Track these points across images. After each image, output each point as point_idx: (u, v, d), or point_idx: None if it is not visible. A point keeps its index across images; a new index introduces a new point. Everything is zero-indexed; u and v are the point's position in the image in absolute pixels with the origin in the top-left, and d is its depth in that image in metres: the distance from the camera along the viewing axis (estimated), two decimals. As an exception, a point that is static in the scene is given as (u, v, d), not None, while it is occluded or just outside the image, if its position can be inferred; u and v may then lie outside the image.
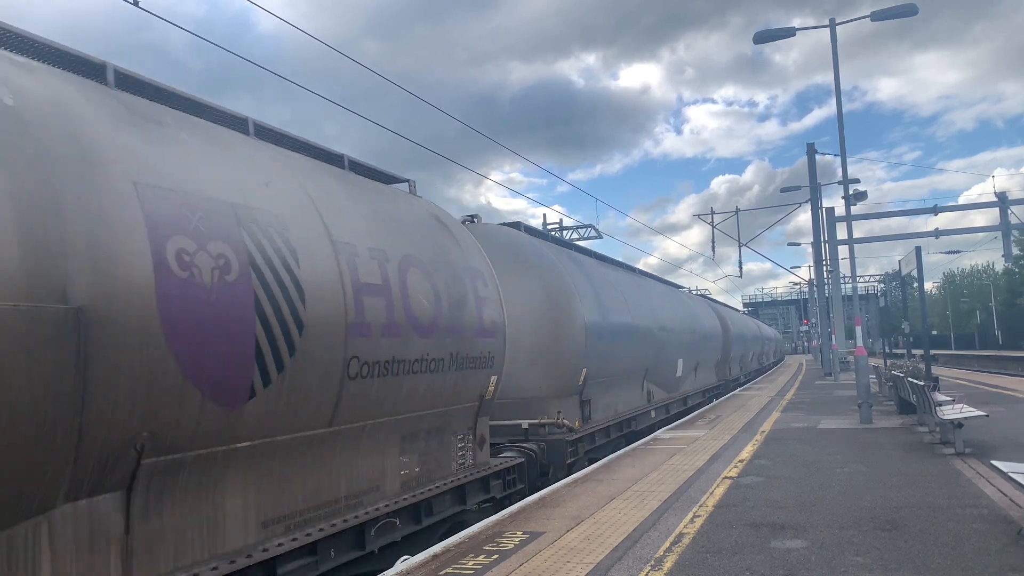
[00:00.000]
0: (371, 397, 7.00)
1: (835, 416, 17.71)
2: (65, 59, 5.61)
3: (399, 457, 7.77)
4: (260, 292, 5.51)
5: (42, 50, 5.48)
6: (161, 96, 6.29)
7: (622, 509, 8.49)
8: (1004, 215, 27.88)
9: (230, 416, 5.32)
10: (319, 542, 6.21)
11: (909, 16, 17.85)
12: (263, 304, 5.52)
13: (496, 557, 6.67)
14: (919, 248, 17.71)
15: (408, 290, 7.65)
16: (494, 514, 8.70)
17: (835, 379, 33.35)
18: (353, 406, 6.73)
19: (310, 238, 6.32)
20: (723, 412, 20.21)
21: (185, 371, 4.86)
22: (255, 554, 5.53)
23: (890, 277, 45.10)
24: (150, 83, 6.23)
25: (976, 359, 55.50)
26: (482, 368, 9.32)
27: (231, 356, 5.25)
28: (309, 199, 6.73)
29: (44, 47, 5.49)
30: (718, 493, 9.15)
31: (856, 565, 6.02)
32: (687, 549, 6.71)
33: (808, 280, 60.02)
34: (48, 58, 5.50)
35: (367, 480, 7.17)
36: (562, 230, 31.63)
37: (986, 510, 7.68)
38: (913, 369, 18.43)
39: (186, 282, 4.91)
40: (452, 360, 8.47)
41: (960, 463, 10.46)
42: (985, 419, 12.31)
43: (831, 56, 19.01)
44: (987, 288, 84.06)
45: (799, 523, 7.48)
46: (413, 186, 10.00)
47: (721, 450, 12.84)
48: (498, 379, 9.83)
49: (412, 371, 7.61)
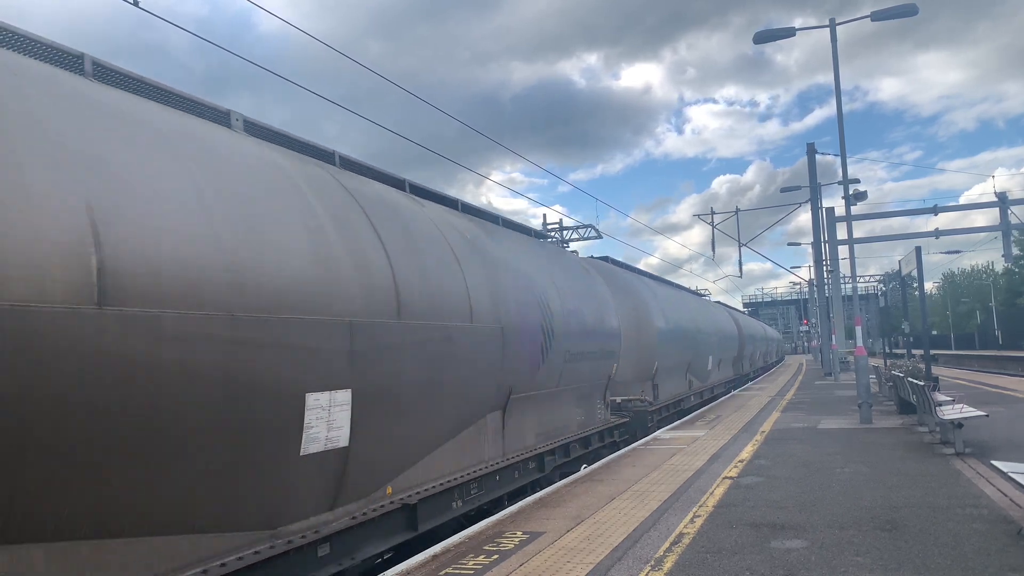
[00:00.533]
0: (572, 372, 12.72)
1: (835, 416, 17.71)
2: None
3: (576, 408, 13.50)
4: (543, 319, 11.12)
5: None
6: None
7: (622, 509, 8.49)
8: (1004, 215, 27.85)
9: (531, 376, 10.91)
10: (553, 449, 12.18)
11: (909, 16, 17.83)
12: (543, 323, 11.14)
13: (496, 557, 6.67)
14: (919, 248, 17.69)
15: (584, 312, 13.27)
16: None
17: (835, 379, 33.35)
18: (567, 376, 12.44)
19: (546, 287, 11.86)
20: (723, 412, 20.20)
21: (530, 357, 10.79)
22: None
23: (890, 277, 45.06)
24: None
25: (976, 359, 55.49)
26: (611, 358, 14.85)
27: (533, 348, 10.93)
28: (534, 261, 12.21)
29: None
30: (718, 493, 9.14)
31: (856, 565, 6.02)
32: (687, 549, 6.71)
33: (808, 280, 60.03)
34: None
35: (565, 419, 12.93)
36: (562, 230, 31.59)
37: (986, 510, 7.68)
38: (913, 369, 18.40)
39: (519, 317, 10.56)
40: (600, 352, 14.08)
41: (960, 463, 10.46)
42: (985, 419, 12.29)
43: (832, 56, 19.01)
44: (987, 288, 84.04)
45: (799, 523, 7.48)
46: (557, 242, 16.33)
47: (721, 450, 12.84)
48: (617, 366, 15.31)
49: (585, 359, 13.15)
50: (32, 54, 5.54)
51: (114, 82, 6.11)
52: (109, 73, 6.13)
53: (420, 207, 9.37)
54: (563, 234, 31.93)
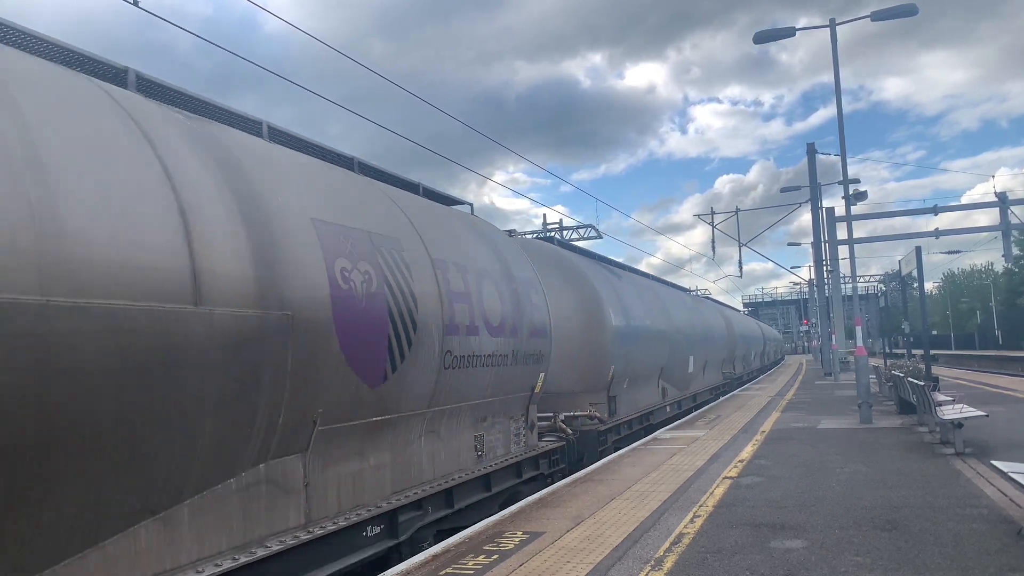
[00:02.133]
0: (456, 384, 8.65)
1: (835, 416, 17.71)
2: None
3: (472, 435, 9.47)
4: (395, 302, 7.22)
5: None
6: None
7: (622, 509, 8.49)
8: (1004, 215, 27.84)
9: (372, 394, 6.93)
10: (423, 499, 8.03)
11: (909, 16, 17.85)
12: (396, 308, 7.23)
13: (496, 557, 6.67)
14: (919, 248, 17.70)
15: (483, 298, 9.35)
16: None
17: (835, 379, 33.36)
18: (446, 391, 8.45)
19: (417, 257, 7.98)
20: (723, 412, 20.20)
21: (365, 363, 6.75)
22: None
23: (890, 277, 45.05)
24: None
25: (976, 359, 55.47)
26: (534, 364, 11.01)
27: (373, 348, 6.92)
28: (411, 224, 8.32)
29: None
30: (718, 493, 9.14)
31: (856, 565, 6.02)
32: (687, 549, 6.71)
33: (808, 280, 60.02)
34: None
35: (453, 453, 8.94)
36: (562, 230, 31.55)
37: (986, 510, 7.68)
38: (913, 369, 18.41)
39: (347, 293, 6.51)
40: (512, 356, 10.16)
41: (960, 463, 10.46)
42: (985, 419, 12.30)
43: (832, 56, 19.01)
44: (987, 288, 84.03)
45: (799, 523, 7.48)
46: (472, 209, 11.80)
47: (721, 450, 12.84)
48: (545, 375, 11.54)
49: (484, 364, 9.28)
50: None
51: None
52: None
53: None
54: (563, 234, 31.92)
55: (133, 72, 6.18)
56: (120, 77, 6.10)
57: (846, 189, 19.53)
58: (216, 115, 6.91)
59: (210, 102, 6.85)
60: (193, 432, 5.01)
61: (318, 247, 6.29)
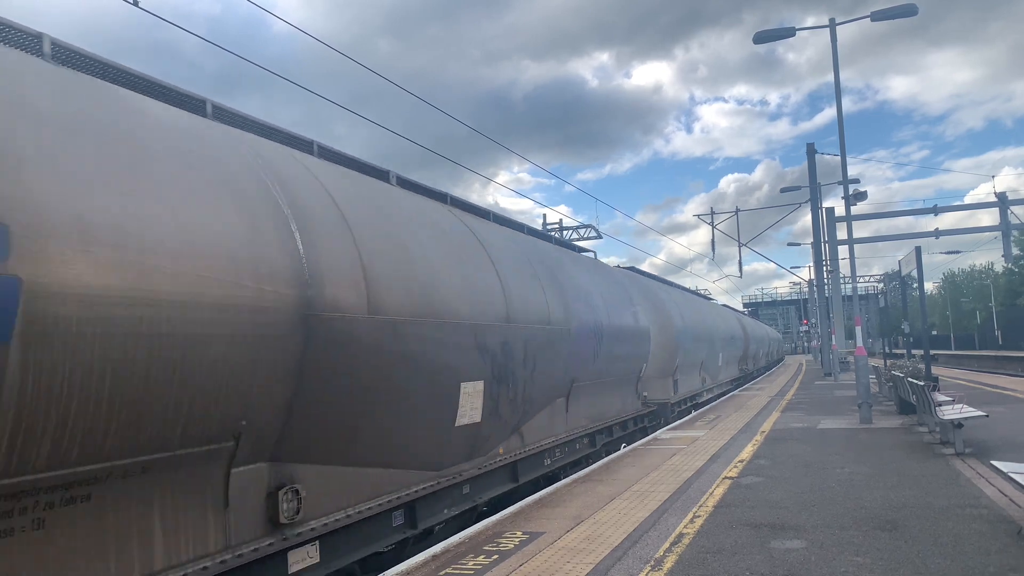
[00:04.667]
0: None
1: (835, 416, 17.71)
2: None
3: (615, 398, 15.83)
4: (595, 323, 13.36)
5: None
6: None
7: (622, 509, 8.49)
8: (1004, 215, 27.88)
9: (587, 368, 13.44)
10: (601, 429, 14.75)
11: (908, 16, 17.82)
12: (595, 326, 13.39)
13: (496, 557, 6.67)
14: (919, 248, 17.70)
15: (623, 316, 15.52)
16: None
17: (835, 379, 33.34)
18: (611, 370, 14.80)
19: (596, 296, 14.09)
20: (723, 412, 20.21)
21: (587, 353, 13.38)
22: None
23: (890, 277, 45.02)
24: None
25: (976, 359, 55.47)
26: (642, 356, 17.28)
27: (589, 346, 13.50)
28: (587, 275, 14.69)
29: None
30: (718, 493, 9.15)
31: (856, 565, 6.02)
32: (687, 549, 6.72)
33: (808, 280, 60.00)
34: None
35: (608, 406, 15.26)
36: (562, 230, 31.62)
37: (986, 510, 7.68)
38: (913, 369, 18.41)
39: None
40: (633, 350, 16.45)
41: (960, 463, 10.46)
42: (985, 419, 12.29)
43: (832, 56, 19.01)
44: (987, 288, 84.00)
45: (799, 523, 7.48)
46: (595, 255, 18.55)
47: (721, 450, 12.85)
48: (647, 364, 17.77)
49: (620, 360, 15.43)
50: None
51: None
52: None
53: (513, 239, 11.82)
54: (563, 234, 31.95)
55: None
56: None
57: (846, 189, 19.52)
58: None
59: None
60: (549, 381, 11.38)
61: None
